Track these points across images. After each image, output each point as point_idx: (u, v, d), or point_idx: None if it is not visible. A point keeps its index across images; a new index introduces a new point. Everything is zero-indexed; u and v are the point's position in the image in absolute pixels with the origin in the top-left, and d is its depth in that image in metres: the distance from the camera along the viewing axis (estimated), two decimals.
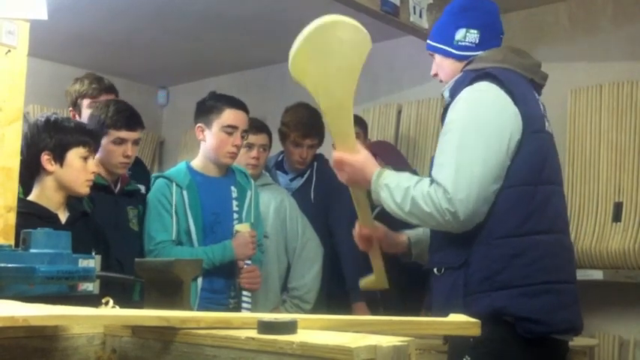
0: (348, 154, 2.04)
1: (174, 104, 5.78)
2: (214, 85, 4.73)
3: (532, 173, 1.95)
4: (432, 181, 1.91)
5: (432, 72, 2.25)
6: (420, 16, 3.49)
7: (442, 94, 2.22)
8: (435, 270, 2.02)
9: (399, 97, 4.53)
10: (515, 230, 1.90)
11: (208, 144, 2.87)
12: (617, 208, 3.51)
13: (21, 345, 1.19)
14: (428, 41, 2.24)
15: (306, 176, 3.49)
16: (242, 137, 2.89)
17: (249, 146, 3.17)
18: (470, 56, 2.12)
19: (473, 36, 2.13)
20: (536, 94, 2.10)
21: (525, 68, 2.08)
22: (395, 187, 1.96)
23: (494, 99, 1.95)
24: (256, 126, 3.21)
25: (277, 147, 3.67)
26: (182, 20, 4.26)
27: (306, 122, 3.39)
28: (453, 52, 2.15)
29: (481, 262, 1.91)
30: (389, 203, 1.97)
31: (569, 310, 1.97)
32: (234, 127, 2.84)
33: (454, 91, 2.07)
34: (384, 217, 2.23)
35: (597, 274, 3.44)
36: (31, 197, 2.34)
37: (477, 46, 2.13)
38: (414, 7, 3.45)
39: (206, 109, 2.89)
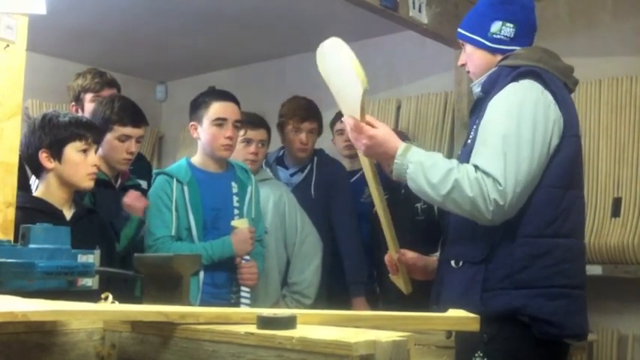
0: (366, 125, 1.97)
1: (173, 99, 5.77)
2: (213, 80, 4.72)
3: (564, 177, 1.94)
4: (477, 168, 1.86)
5: (460, 62, 2.20)
6: (420, 10, 3.48)
7: (471, 88, 2.18)
8: (452, 262, 1.99)
9: (398, 93, 4.52)
10: (542, 231, 1.90)
11: (203, 140, 2.89)
12: (616, 203, 3.51)
13: (20, 340, 1.19)
14: (459, 30, 2.18)
15: (306, 171, 3.49)
16: (236, 128, 2.89)
17: (248, 141, 3.17)
18: (503, 50, 2.08)
19: (508, 30, 2.09)
20: None
21: (560, 71, 2.06)
22: (431, 166, 1.88)
23: (540, 98, 1.93)
24: (254, 121, 3.21)
25: (277, 143, 3.67)
26: (181, 15, 4.25)
27: (302, 107, 3.47)
28: (487, 44, 2.10)
29: (503, 259, 1.89)
30: (420, 182, 1.88)
31: (581, 316, 1.98)
32: (224, 119, 2.85)
33: (487, 86, 2.04)
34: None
35: (596, 270, 3.44)
36: (36, 194, 2.35)
37: (512, 41, 2.09)
38: (414, 2, 3.44)
39: (196, 107, 2.92)
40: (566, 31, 3.92)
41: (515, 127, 1.88)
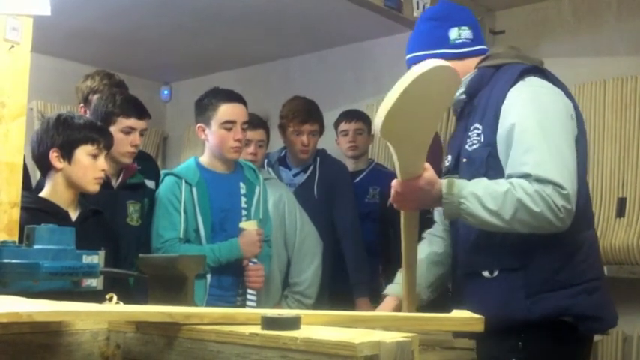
0: (409, 180, 1.82)
1: (178, 100, 5.78)
2: (217, 80, 4.70)
3: (582, 171, 1.91)
4: (529, 178, 1.77)
5: None
6: (424, 11, 3.48)
7: None
8: (485, 273, 1.92)
9: None
10: (575, 226, 1.84)
11: (211, 142, 2.87)
12: (621, 204, 3.50)
13: (25, 340, 1.20)
14: (414, 54, 2.12)
15: (309, 172, 3.49)
16: (244, 130, 2.87)
17: (246, 142, 3.16)
18: (470, 52, 2.06)
19: (466, 32, 2.07)
20: None
21: (536, 65, 2.04)
22: (485, 195, 1.78)
23: (555, 94, 1.90)
24: (253, 122, 3.20)
25: (279, 144, 3.68)
26: (185, 16, 4.26)
27: (302, 109, 3.46)
28: (453, 51, 2.06)
29: (543, 261, 1.86)
30: (478, 214, 1.78)
31: (613, 305, 1.97)
32: (233, 122, 2.82)
33: (473, 89, 2.01)
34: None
35: None
36: (42, 194, 2.35)
37: (473, 42, 2.07)
38: (417, 3, 3.44)
39: (203, 108, 2.88)
40: (570, 31, 3.91)
41: (551, 126, 1.83)
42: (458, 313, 1.44)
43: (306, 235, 3.24)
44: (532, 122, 1.83)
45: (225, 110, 2.83)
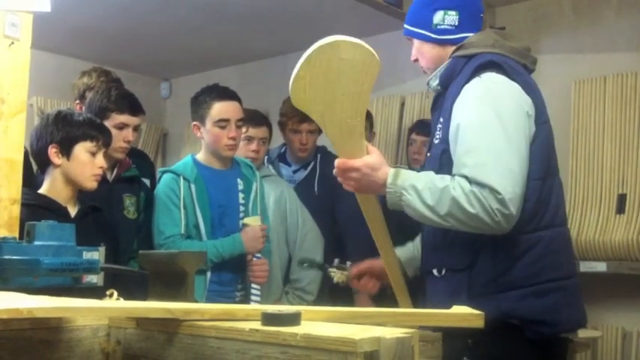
0: (353, 159, 1.84)
1: (177, 96, 5.77)
2: (217, 77, 4.72)
3: (542, 167, 1.85)
4: (470, 180, 1.74)
5: (412, 58, 2.11)
6: None
7: (427, 83, 2.07)
8: (434, 271, 1.92)
9: (402, 89, 4.52)
10: (523, 227, 1.80)
11: (207, 140, 2.88)
12: (621, 200, 3.50)
13: (25, 337, 1.20)
14: (405, 25, 2.10)
15: (309, 168, 3.49)
16: (238, 127, 2.87)
17: (249, 139, 3.16)
18: (451, 40, 2.00)
19: (451, 18, 2.00)
20: None
21: (517, 53, 1.96)
22: (425, 189, 1.76)
23: (509, 91, 1.83)
24: (256, 119, 3.20)
25: (280, 140, 3.67)
26: (185, 13, 4.25)
27: None
28: (432, 36, 2.01)
29: (487, 263, 1.82)
30: (416, 206, 1.77)
31: (575, 307, 1.90)
32: (226, 120, 2.82)
33: (445, 80, 1.97)
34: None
35: (601, 266, 3.44)
36: (41, 190, 2.35)
37: (457, 29, 2.00)
38: None
39: (197, 106, 2.89)
40: (570, 27, 3.91)
41: (494, 126, 1.77)
42: (458, 309, 1.44)
43: (308, 231, 3.25)
44: (476, 123, 1.79)
45: (219, 108, 2.84)
